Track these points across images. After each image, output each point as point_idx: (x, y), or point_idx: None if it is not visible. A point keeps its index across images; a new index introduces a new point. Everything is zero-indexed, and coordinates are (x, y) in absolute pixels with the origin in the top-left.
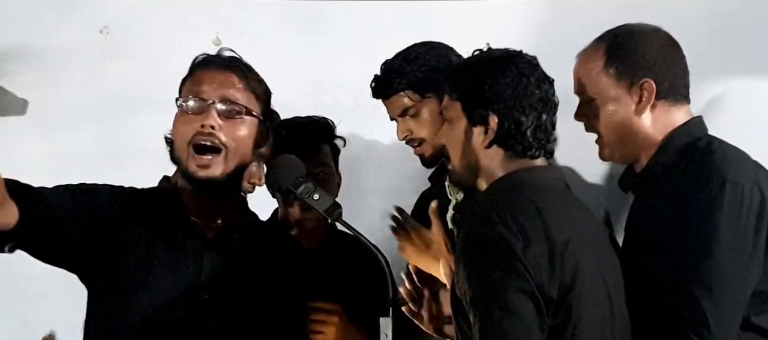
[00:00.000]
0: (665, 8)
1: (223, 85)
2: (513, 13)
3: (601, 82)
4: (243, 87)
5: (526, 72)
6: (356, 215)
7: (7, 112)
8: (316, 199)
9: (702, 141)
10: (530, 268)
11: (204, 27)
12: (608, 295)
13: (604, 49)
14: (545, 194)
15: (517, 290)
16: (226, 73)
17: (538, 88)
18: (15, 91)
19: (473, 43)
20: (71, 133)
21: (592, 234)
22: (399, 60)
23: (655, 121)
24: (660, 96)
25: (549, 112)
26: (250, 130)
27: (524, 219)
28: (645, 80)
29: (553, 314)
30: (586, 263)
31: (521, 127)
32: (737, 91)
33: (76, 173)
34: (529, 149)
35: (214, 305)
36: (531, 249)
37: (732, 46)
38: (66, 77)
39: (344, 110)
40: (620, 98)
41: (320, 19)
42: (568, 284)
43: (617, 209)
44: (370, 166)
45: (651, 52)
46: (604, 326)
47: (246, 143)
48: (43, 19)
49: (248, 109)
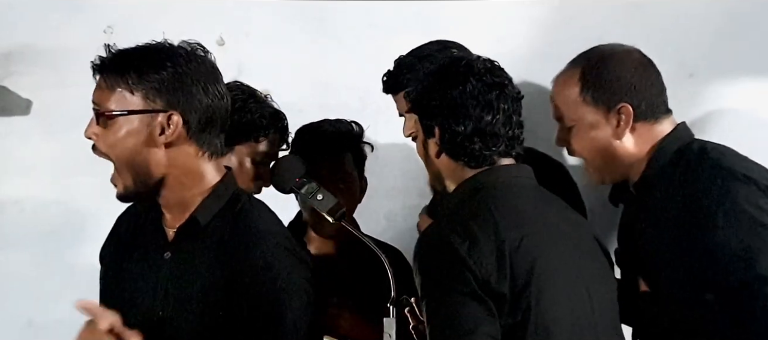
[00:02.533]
0: (668, 9)
1: (95, 91)
2: (519, 14)
3: (579, 109)
4: (106, 86)
5: (467, 79)
6: (360, 215)
7: (11, 113)
8: (320, 199)
9: (694, 144)
10: (475, 267)
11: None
12: (586, 289)
13: (578, 76)
14: (503, 194)
15: (459, 294)
16: (99, 77)
17: (480, 94)
18: (19, 91)
19: (480, 44)
20: (75, 133)
21: (564, 230)
22: (411, 57)
23: (637, 140)
24: (638, 118)
25: (496, 114)
26: (127, 129)
27: (473, 221)
28: (622, 105)
29: (509, 311)
30: (548, 258)
31: (457, 137)
32: (741, 91)
33: (79, 173)
34: (475, 157)
35: (167, 321)
36: (476, 249)
37: (735, 47)
38: (70, 78)
39: (350, 111)
40: (598, 124)
41: (326, 20)
42: (523, 279)
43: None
44: (375, 167)
45: (625, 75)
46: (581, 321)
47: (123, 144)
48: (47, 19)
49: (111, 114)
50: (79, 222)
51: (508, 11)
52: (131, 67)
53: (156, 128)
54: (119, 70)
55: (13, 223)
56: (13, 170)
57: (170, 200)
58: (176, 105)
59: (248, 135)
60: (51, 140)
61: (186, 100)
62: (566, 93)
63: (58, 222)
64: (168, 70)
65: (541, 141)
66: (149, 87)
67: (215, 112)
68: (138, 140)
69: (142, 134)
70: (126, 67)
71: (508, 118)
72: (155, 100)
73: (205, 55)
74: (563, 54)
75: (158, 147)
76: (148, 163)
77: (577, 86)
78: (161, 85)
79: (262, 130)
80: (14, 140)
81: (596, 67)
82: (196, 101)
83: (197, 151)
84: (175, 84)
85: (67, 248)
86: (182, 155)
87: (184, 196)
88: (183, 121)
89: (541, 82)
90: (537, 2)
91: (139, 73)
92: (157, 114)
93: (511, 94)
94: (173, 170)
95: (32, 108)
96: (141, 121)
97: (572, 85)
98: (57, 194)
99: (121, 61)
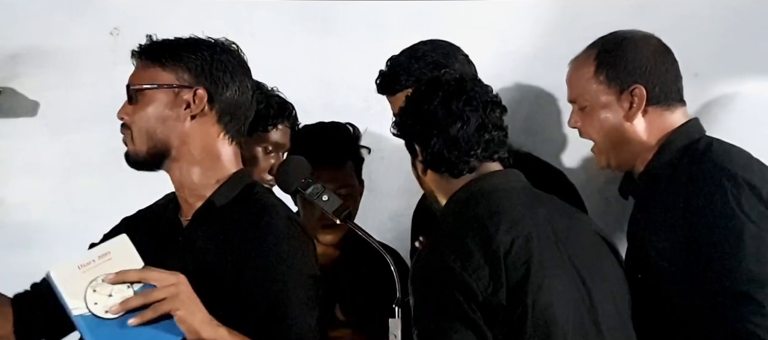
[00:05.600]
0: (674, 8)
1: (131, 75)
2: (523, 13)
3: (592, 89)
4: (141, 66)
5: (435, 94)
6: (365, 216)
7: (17, 114)
8: (325, 200)
9: (701, 142)
10: (472, 282)
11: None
12: (584, 285)
13: (594, 56)
14: (491, 200)
15: (453, 319)
16: (136, 61)
17: (446, 105)
18: (26, 92)
19: (483, 45)
20: (82, 134)
21: (557, 227)
22: (405, 57)
23: (648, 126)
24: (651, 102)
25: (465, 122)
26: (156, 103)
27: (465, 234)
28: (635, 86)
29: (504, 318)
30: (542, 257)
31: (432, 148)
32: (747, 91)
33: (86, 174)
34: (454, 166)
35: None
36: (471, 262)
37: (741, 47)
38: (76, 79)
39: (353, 111)
40: (611, 105)
41: (330, 20)
42: (519, 282)
43: (620, 210)
44: (379, 168)
45: (641, 58)
46: (581, 319)
47: (148, 115)
48: (53, 20)
49: (141, 87)
50: (83, 223)
51: (511, 11)
52: (167, 49)
53: (182, 103)
54: (156, 52)
55: (19, 224)
56: (19, 170)
57: (184, 180)
58: (204, 83)
59: (256, 125)
60: (57, 141)
61: (214, 82)
62: (581, 73)
63: (64, 223)
64: (201, 53)
65: (543, 142)
66: (181, 65)
67: (240, 100)
68: (163, 113)
69: (168, 108)
70: (162, 50)
71: (481, 123)
72: (184, 77)
73: (238, 52)
74: (567, 54)
75: (181, 121)
76: (168, 134)
77: (593, 66)
78: (192, 65)
79: (269, 119)
80: (20, 141)
81: (613, 48)
82: (223, 86)
83: (219, 132)
84: (205, 66)
85: (73, 248)
86: (203, 133)
87: (198, 178)
88: (208, 97)
89: (545, 83)
90: (541, 2)
91: (173, 54)
92: (183, 89)
93: (482, 100)
94: (191, 146)
95: (38, 109)
96: (168, 95)
97: (588, 65)
98: (63, 195)
99: (158, 45)
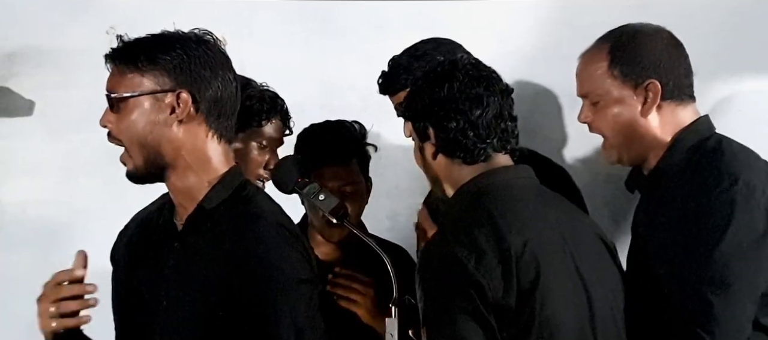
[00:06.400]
0: (674, 8)
1: (108, 80)
2: (522, 13)
3: (606, 83)
4: (118, 72)
5: (453, 77)
6: (363, 215)
7: (14, 114)
8: (322, 199)
9: (711, 141)
10: (483, 282)
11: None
12: (587, 293)
13: (607, 50)
14: (503, 197)
15: (464, 313)
16: (111, 66)
17: (467, 89)
18: (22, 92)
19: (483, 44)
20: (79, 134)
21: (566, 232)
22: (406, 56)
23: (661, 121)
24: (665, 96)
25: (486, 107)
26: (139, 110)
27: (478, 230)
28: (650, 81)
29: (514, 319)
30: (551, 261)
31: (450, 133)
32: (746, 91)
33: (82, 174)
34: (470, 152)
35: (170, 310)
36: (484, 262)
37: (741, 46)
38: (73, 79)
39: (352, 111)
40: (625, 100)
41: (329, 20)
42: (529, 285)
43: (621, 209)
44: (378, 167)
45: (655, 52)
46: (583, 327)
47: (135, 124)
48: (50, 20)
49: (122, 97)
50: (82, 223)
51: (511, 11)
52: (141, 52)
53: (166, 108)
54: (130, 56)
55: (16, 224)
56: (16, 170)
57: (178, 186)
58: (185, 85)
59: (249, 121)
60: (54, 141)
61: (195, 81)
62: (593, 68)
63: (61, 223)
64: (177, 52)
65: (543, 141)
66: (159, 69)
67: (224, 95)
68: (149, 120)
69: (153, 114)
70: (136, 53)
71: (499, 111)
72: (165, 81)
73: (215, 42)
74: (567, 54)
75: (169, 127)
76: (159, 143)
77: (606, 61)
78: (171, 66)
79: (263, 114)
80: (17, 141)
81: (627, 42)
82: (205, 83)
83: (207, 133)
84: (183, 66)
85: (70, 249)
86: (192, 136)
87: (192, 182)
88: (192, 99)
89: (544, 82)
90: (541, 2)
91: (149, 57)
92: (166, 94)
93: (499, 88)
94: (183, 152)
95: (35, 109)
96: (151, 102)
97: (600, 60)
98: (60, 195)
99: (132, 48)
